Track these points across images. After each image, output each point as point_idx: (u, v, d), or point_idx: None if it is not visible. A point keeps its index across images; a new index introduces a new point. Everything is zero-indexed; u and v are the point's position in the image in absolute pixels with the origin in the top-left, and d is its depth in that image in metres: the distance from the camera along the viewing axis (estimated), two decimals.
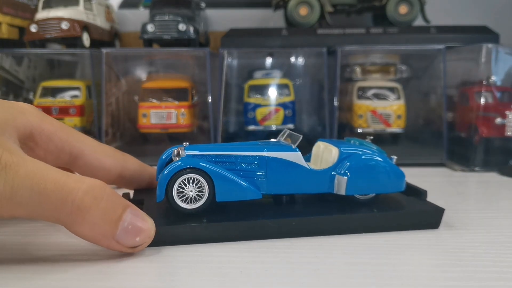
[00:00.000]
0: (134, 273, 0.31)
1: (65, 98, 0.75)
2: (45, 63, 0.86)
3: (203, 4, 0.88)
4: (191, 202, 0.38)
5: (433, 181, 0.61)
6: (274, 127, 0.74)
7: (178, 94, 0.74)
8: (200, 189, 0.38)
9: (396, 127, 0.73)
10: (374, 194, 0.41)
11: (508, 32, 0.84)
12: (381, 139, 0.77)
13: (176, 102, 0.73)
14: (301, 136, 0.42)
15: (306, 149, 0.45)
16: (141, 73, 0.82)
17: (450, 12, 0.96)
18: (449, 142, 0.71)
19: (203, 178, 0.38)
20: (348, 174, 0.40)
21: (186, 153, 0.39)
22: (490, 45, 0.68)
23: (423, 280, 0.30)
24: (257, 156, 0.40)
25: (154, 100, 0.73)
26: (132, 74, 0.82)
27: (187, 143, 0.41)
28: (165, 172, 0.37)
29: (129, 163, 0.44)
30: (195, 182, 0.38)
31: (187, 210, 0.38)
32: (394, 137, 0.76)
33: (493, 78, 0.68)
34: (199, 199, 0.38)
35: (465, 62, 0.74)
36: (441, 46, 0.72)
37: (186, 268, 0.32)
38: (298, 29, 0.82)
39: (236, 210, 0.39)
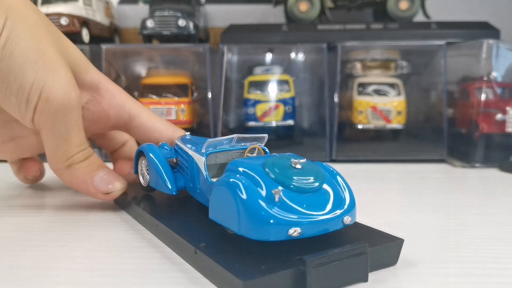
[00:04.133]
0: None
1: None
2: None
3: (202, 0, 0.88)
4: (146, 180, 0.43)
5: (433, 177, 0.61)
6: (274, 123, 0.73)
7: (178, 90, 0.74)
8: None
9: (396, 123, 0.73)
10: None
11: (509, 28, 0.84)
12: (382, 136, 0.77)
13: (176, 98, 0.73)
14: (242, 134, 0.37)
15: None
16: (141, 69, 0.82)
17: (451, 7, 0.95)
18: (449, 138, 0.71)
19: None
20: (212, 193, 0.31)
21: (176, 142, 0.42)
22: (491, 41, 0.68)
23: (422, 276, 0.30)
24: (188, 153, 0.38)
25: (154, 96, 0.73)
26: (132, 70, 0.82)
27: (189, 133, 0.43)
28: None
29: (179, 131, 0.48)
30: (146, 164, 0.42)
31: (142, 186, 0.44)
32: (395, 133, 0.76)
33: (494, 74, 0.68)
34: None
35: (466, 58, 0.74)
36: (441, 42, 0.72)
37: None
38: (298, 25, 0.81)
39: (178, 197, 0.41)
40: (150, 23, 0.76)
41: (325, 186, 0.30)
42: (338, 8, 0.84)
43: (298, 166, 0.30)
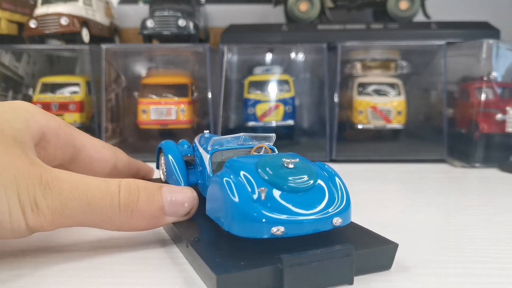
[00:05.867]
0: None
1: (65, 94, 0.74)
2: (45, 59, 0.86)
3: (202, 0, 0.88)
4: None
5: (433, 177, 0.61)
6: (274, 123, 0.73)
7: (178, 90, 0.74)
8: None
9: (396, 123, 0.73)
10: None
11: (509, 28, 0.84)
12: (382, 136, 0.77)
13: (176, 98, 0.73)
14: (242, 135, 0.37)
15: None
16: (141, 69, 0.82)
17: (451, 7, 0.95)
18: (449, 138, 0.71)
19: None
20: (207, 190, 0.32)
21: (195, 140, 0.42)
22: (491, 41, 0.68)
23: (423, 277, 0.30)
24: (199, 151, 0.39)
25: (154, 96, 0.73)
26: (132, 70, 0.82)
27: (208, 131, 0.43)
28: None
29: (120, 154, 0.46)
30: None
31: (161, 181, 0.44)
32: (395, 133, 0.76)
33: (494, 74, 0.68)
34: None
35: (466, 58, 0.74)
36: (441, 42, 0.72)
37: None
38: (298, 25, 0.81)
39: None
40: (150, 23, 0.76)
41: (319, 186, 0.30)
42: (338, 8, 0.84)
43: (291, 166, 0.30)
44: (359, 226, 0.34)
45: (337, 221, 0.29)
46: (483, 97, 0.68)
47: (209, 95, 0.73)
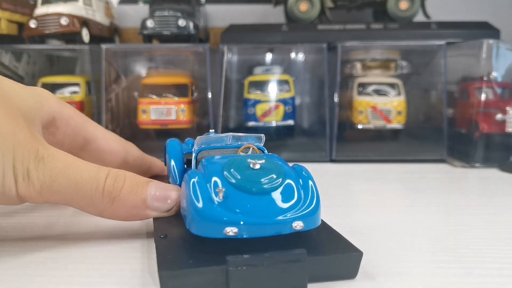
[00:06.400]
0: None
1: (65, 94, 0.74)
2: (45, 59, 0.86)
3: (202, 0, 0.88)
4: None
5: (433, 177, 0.61)
6: (274, 123, 0.73)
7: (178, 90, 0.74)
8: None
9: (396, 123, 0.73)
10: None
11: (509, 28, 0.84)
12: (382, 136, 0.77)
13: (176, 98, 0.73)
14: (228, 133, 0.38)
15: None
16: (141, 69, 0.82)
17: (451, 7, 0.95)
18: (449, 138, 0.71)
19: None
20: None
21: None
22: (491, 41, 0.68)
23: (422, 277, 0.30)
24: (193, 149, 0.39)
25: (154, 96, 0.73)
26: (132, 70, 0.82)
27: (213, 130, 0.43)
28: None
29: (132, 149, 0.47)
30: None
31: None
32: (395, 133, 0.76)
33: (494, 74, 0.68)
34: None
35: (466, 58, 0.74)
36: (441, 42, 0.72)
37: None
38: (298, 25, 0.81)
39: None
40: (150, 23, 0.76)
41: (285, 189, 0.29)
42: (338, 8, 0.84)
43: (257, 166, 0.30)
44: (332, 229, 0.32)
45: (298, 225, 0.28)
46: (483, 97, 0.68)
47: (209, 95, 0.73)
